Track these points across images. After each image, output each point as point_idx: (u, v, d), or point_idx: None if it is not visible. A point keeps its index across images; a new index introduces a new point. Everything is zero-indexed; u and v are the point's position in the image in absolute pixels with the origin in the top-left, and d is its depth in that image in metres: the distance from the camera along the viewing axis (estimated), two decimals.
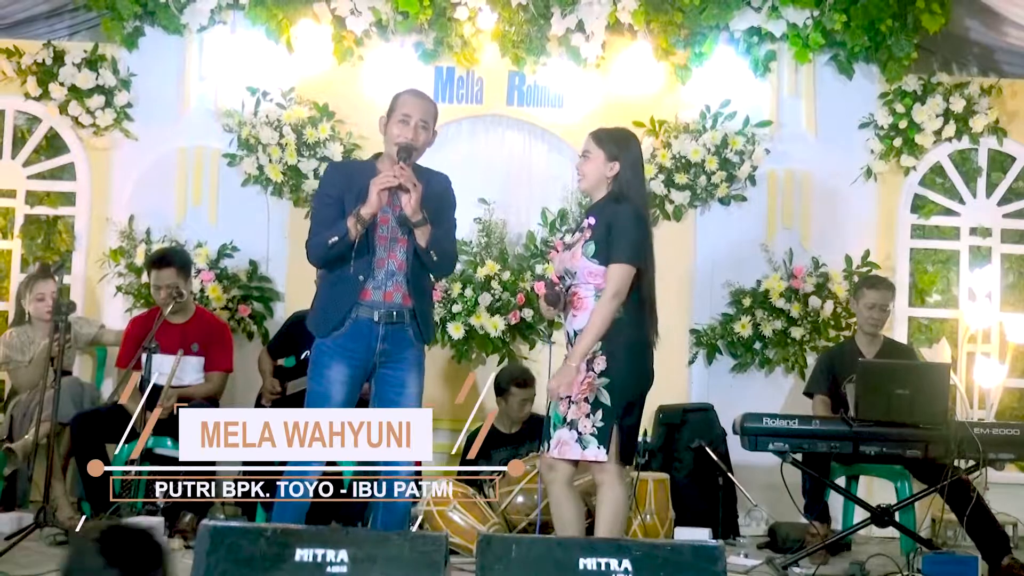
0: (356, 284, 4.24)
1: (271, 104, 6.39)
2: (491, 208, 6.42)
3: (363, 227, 4.17)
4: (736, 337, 6.45)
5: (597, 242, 4.20)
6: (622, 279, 4.16)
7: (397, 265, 4.28)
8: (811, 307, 6.43)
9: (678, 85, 6.54)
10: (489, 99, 6.57)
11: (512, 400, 5.79)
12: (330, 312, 4.29)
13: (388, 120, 4.33)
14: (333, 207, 4.26)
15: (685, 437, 6.04)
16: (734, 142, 6.45)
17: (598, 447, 4.15)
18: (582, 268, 4.23)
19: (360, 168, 4.41)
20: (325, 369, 4.27)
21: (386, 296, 4.27)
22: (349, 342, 4.26)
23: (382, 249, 4.26)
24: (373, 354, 4.28)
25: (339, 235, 4.16)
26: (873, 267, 6.49)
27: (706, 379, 6.51)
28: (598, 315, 4.15)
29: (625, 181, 4.27)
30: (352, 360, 4.27)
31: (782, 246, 6.55)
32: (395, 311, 4.26)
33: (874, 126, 6.59)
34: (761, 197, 6.60)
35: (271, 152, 6.33)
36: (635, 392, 4.22)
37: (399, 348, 4.28)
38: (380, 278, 4.26)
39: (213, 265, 6.37)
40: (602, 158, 4.29)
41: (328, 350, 4.28)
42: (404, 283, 4.29)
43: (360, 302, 4.25)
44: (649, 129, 6.49)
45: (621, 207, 4.22)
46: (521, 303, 6.32)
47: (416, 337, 4.35)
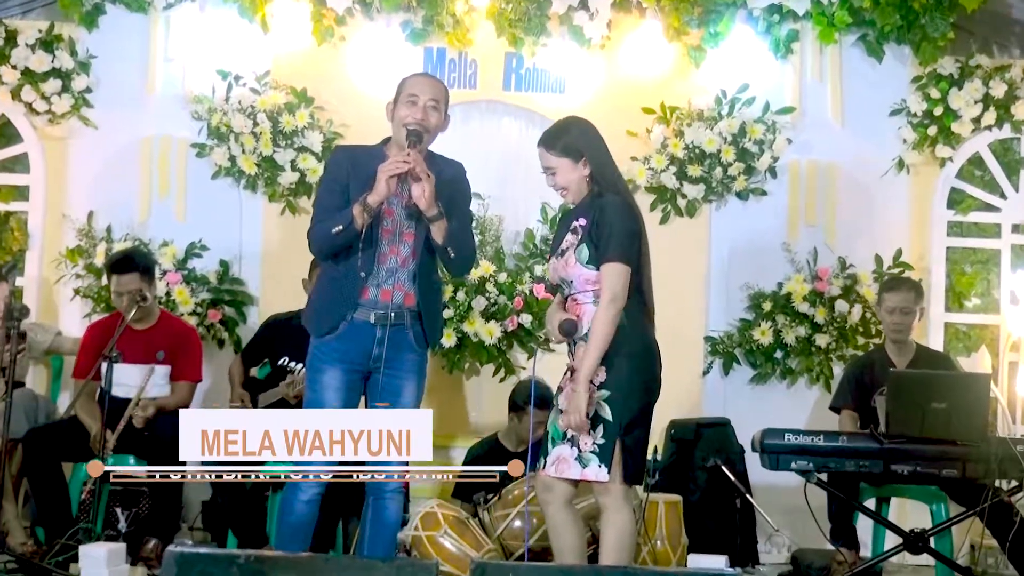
0: (358, 282, 4.25)
1: (244, 89, 6.38)
2: (486, 203, 6.41)
3: (370, 216, 4.17)
4: (755, 345, 6.44)
5: (589, 245, 4.18)
6: (618, 280, 4.14)
7: (400, 261, 4.29)
8: (837, 312, 6.42)
9: (691, 68, 6.53)
10: (484, 83, 6.57)
11: (527, 420, 5.75)
12: (327, 311, 4.30)
13: (395, 103, 4.34)
14: (338, 194, 4.27)
15: (699, 455, 6.04)
16: (753, 131, 6.44)
17: (599, 466, 4.13)
18: (577, 276, 4.22)
19: (368, 153, 4.39)
20: (319, 375, 4.29)
21: (384, 295, 4.27)
22: (344, 345, 4.27)
23: (385, 243, 4.27)
24: (369, 359, 4.28)
25: (344, 224, 4.17)
26: (906, 268, 6.49)
27: (722, 391, 6.50)
28: (598, 326, 4.12)
29: (600, 172, 4.26)
30: (347, 365, 4.28)
31: (806, 245, 6.55)
32: (394, 312, 4.26)
33: (906, 113, 6.58)
34: (782, 191, 6.60)
35: (244, 142, 6.32)
36: (639, 405, 4.19)
37: (397, 352, 4.27)
38: (381, 275, 4.27)
39: (180, 266, 6.36)
40: (568, 164, 4.27)
41: (322, 354, 4.30)
42: (407, 281, 4.29)
43: (359, 302, 4.25)
44: (660, 116, 6.49)
45: (605, 200, 4.21)
46: (519, 308, 6.32)
47: (417, 341, 4.35)
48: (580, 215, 4.27)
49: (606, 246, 4.14)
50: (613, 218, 4.15)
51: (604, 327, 4.11)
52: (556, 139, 4.30)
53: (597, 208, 4.20)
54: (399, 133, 4.30)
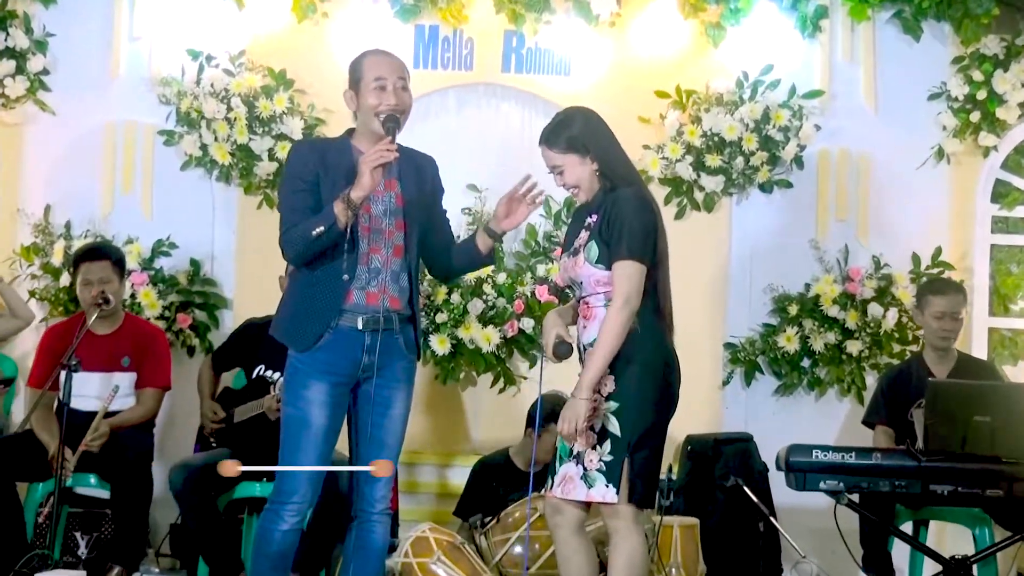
0: (341, 285, 4.25)
1: (217, 70, 6.39)
2: (483, 196, 6.42)
3: (354, 213, 4.18)
4: (780, 353, 6.45)
5: (600, 242, 4.19)
6: (631, 280, 4.13)
7: (382, 261, 4.30)
8: (871, 316, 6.43)
9: (710, 48, 6.54)
10: (481, 65, 6.58)
11: (546, 438, 5.72)
12: (309, 319, 4.28)
13: (357, 91, 4.34)
14: (308, 193, 4.26)
15: (718, 474, 6.04)
16: (777, 117, 6.45)
17: (606, 485, 4.13)
18: (588, 277, 4.22)
19: (334, 147, 4.41)
20: (302, 390, 4.27)
21: (370, 299, 4.28)
22: (330, 356, 4.26)
23: (366, 242, 4.27)
24: (358, 368, 4.28)
25: (326, 224, 4.16)
26: (945, 268, 6.49)
27: (743, 403, 6.51)
28: (607, 329, 4.13)
29: (608, 165, 4.26)
30: (334, 377, 4.27)
31: (836, 242, 6.56)
32: (382, 316, 4.27)
33: (946, 97, 6.60)
34: (810, 183, 6.60)
35: (217, 128, 6.33)
36: (651, 418, 4.19)
37: (386, 360, 4.29)
38: (364, 277, 4.27)
39: (146, 265, 6.36)
40: (574, 159, 4.28)
41: (304, 367, 4.28)
42: (391, 283, 4.30)
43: (343, 307, 4.26)
44: (675, 101, 6.49)
45: (617, 194, 4.22)
46: (520, 311, 6.32)
47: (408, 347, 4.38)
48: (593, 211, 4.27)
49: (618, 243, 4.14)
50: (625, 212, 4.15)
51: (613, 331, 4.11)
52: (557, 135, 4.30)
53: (608, 202, 4.20)
54: (369, 122, 4.31)
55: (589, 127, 4.30)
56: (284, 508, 4.24)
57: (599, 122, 4.34)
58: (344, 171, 4.24)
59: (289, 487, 4.25)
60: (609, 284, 4.17)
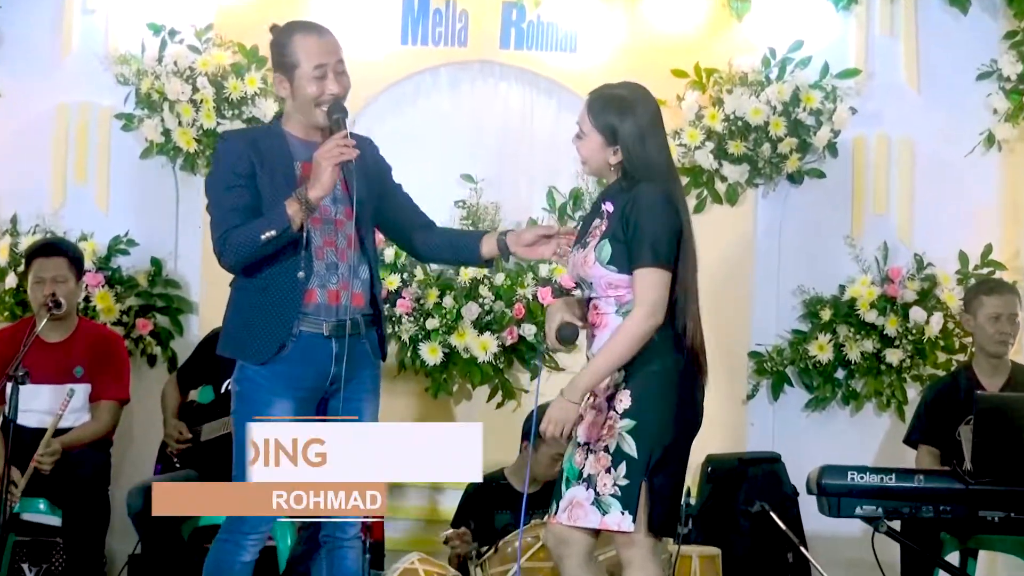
0: (298, 285, 4.24)
1: (181, 47, 6.38)
2: (479, 187, 6.44)
3: (309, 215, 4.17)
4: (812, 362, 6.45)
5: (613, 241, 4.18)
6: (656, 289, 4.11)
7: (338, 254, 4.30)
8: (913, 322, 6.43)
9: (733, 22, 6.55)
10: (477, 40, 6.58)
11: (543, 451, 5.73)
12: (266, 328, 4.26)
13: (291, 79, 4.29)
14: (245, 189, 4.24)
15: (743, 498, 6.04)
16: (808, 98, 6.45)
17: (622, 512, 4.12)
18: (598, 278, 4.21)
19: (266, 135, 4.40)
20: (266, 409, 4.20)
21: (332, 297, 4.28)
22: (295, 369, 4.25)
23: (318, 235, 4.27)
24: (325, 380, 4.28)
25: (278, 228, 4.14)
26: (996, 268, 6.50)
27: (770, 419, 6.51)
28: (623, 338, 4.10)
29: (636, 159, 4.24)
30: (301, 393, 4.25)
31: (873, 239, 6.57)
32: (348, 320, 4.26)
33: (997, 77, 6.60)
34: (845, 173, 6.61)
35: (181, 112, 6.33)
36: (671, 438, 4.17)
37: (353, 369, 4.26)
38: (322, 274, 4.27)
39: (103, 264, 6.36)
40: (598, 142, 4.26)
41: (266, 382, 4.25)
42: (351, 277, 4.29)
43: (304, 311, 4.25)
44: (694, 80, 6.50)
45: (637, 190, 4.20)
46: (520, 316, 6.32)
47: (373, 351, 4.40)
48: (608, 199, 4.26)
49: (640, 248, 4.12)
50: (645, 212, 4.14)
51: (629, 341, 4.10)
52: (601, 104, 4.27)
53: (628, 200, 4.19)
54: (308, 112, 4.29)
55: (631, 113, 4.26)
56: (247, 539, 4.23)
57: (646, 109, 4.30)
58: (281, 162, 4.25)
59: (254, 517, 4.22)
60: (622, 287, 4.16)
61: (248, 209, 4.21)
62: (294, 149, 4.29)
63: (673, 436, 4.17)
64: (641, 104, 4.28)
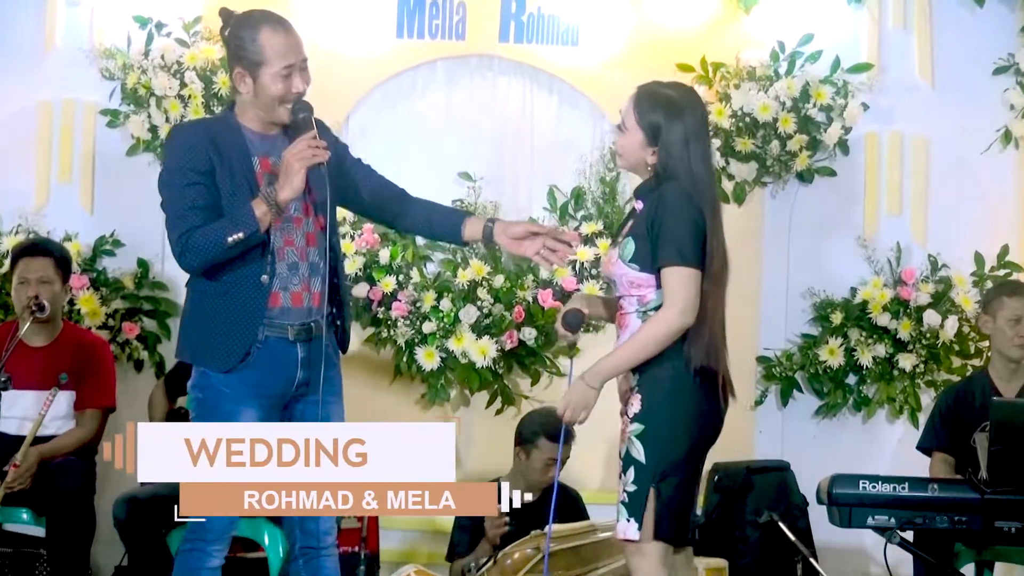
0: (261, 289, 4.24)
1: (168, 40, 6.39)
2: (477, 186, 6.44)
3: (277, 217, 4.18)
4: (822, 368, 6.47)
5: (636, 238, 4.21)
6: (687, 287, 4.14)
7: (298, 253, 4.30)
8: (927, 326, 6.44)
9: (740, 14, 6.56)
10: (475, 34, 6.59)
11: (536, 456, 5.73)
12: (229, 334, 4.25)
13: (255, 76, 4.26)
14: (204, 187, 4.22)
15: (751, 508, 6.05)
16: (819, 94, 6.47)
17: (628, 520, 4.15)
18: (620, 275, 4.24)
19: (221, 127, 4.36)
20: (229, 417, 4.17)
21: (295, 300, 4.29)
22: (259, 376, 4.25)
23: (278, 235, 4.26)
24: (292, 385, 4.30)
25: (246, 231, 4.13)
26: (1014, 269, 6.52)
27: (779, 426, 6.52)
28: (650, 333, 4.14)
29: (676, 164, 4.26)
30: (266, 400, 4.26)
31: (886, 240, 6.58)
32: (312, 322, 4.29)
33: (1015, 71, 6.61)
34: (856, 171, 6.63)
35: (169, 107, 6.33)
36: (681, 445, 4.19)
37: (319, 372, 4.27)
38: (284, 275, 4.27)
39: (88, 266, 6.37)
40: (640, 138, 4.29)
41: (231, 390, 4.24)
42: (311, 277, 4.30)
43: (268, 315, 4.25)
44: (700, 75, 6.50)
45: (666, 188, 4.23)
46: (520, 319, 6.33)
47: (335, 352, 4.42)
48: (640, 197, 4.32)
49: (665, 246, 4.14)
50: (673, 211, 4.16)
51: (656, 337, 4.13)
52: (650, 103, 4.30)
53: (655, 198, 4.22)
54: (270, 109, 4.28)
55: (678, 117, 4.27)
56: (211, 546, 4.24)
57: (694, 115, 4.31)
58: (239, 158, 4.24)
59: (218, 523, 4.22)
60: (644, 287, 4.20)
61: (208, 208, 4.20)
62: (251, 144, 4.28)
63: (684, 443, 4.19)
64: (689, 109, 4.31)
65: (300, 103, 4.27)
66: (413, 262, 6.31)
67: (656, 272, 4.17)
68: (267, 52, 4.24)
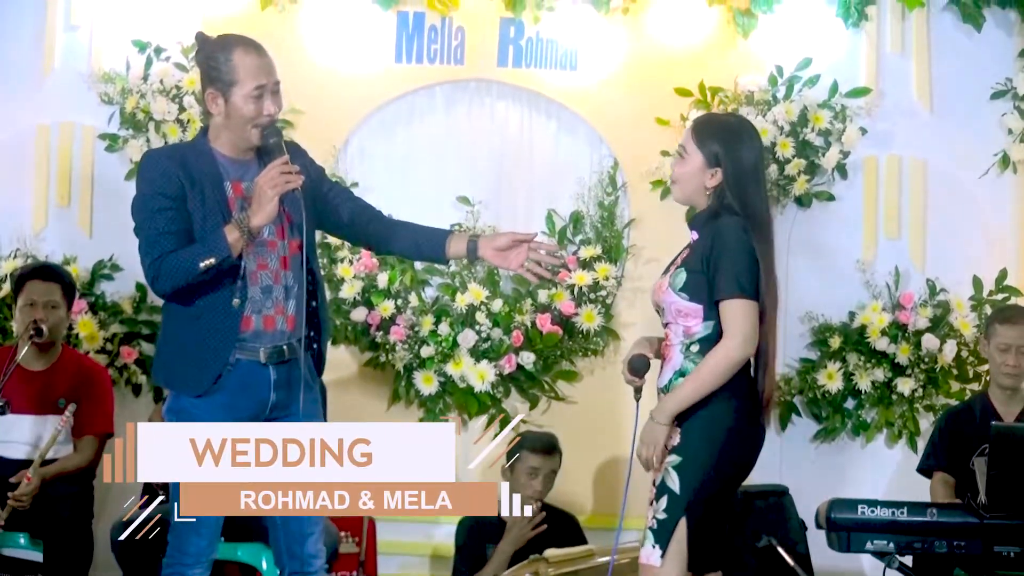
0: (233, 313, 4.25)
1: (167, 64, 6.41)
2: (476, 210, 6.45)
3: (250, 242, 4.20)
4: (820, 392, 6.48)
5: (688, 270, 4.25)
6: (747, 319, 4.18)
7: (272, 277, 4.31)
8: (925, 350, 6.45)
9: (738, 38, 6.58)
10: (473, 58, 6.60)
11: (519, 468, 5.72)
12: (202, 358, 4.26)
13: (227, 97, 4.29)
14: (177, 212, 4.23)
15: (748, 532, 6.05)
16: (817, 118, 6.49)
17: (653, 546, 4.19)
18: (669, 304, 4.29)
19: (192, 153, 4.37)
20: None
21: (267, 323, 4.30)
22: (231, 399, 4.26)
23: (251, 259, 4.27)
24: (264, 408, 4.30)
25: (217, 257, 4.14)
26: (1012, 294, 6.53)
27: (778, 450, 6.50)
28: (714, 364, 4.18)
29: (731, 191, 4.29)
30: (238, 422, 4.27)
31: (885, 264, 6.59)
32: (284, 345, 4.31)
33: (1012, 96, 6.63)
34: (855, 195, 6.64)
35: (167, 131, 6.34)
36: (718, 479, 4.26)
37: (293, 395, 4.29)
38: (257, 299, 4.28)
39: (86, 290, 6.36)
40: (700, 162, 4.32)
41: (201, 412, 4.22)
42: (284, 300, 4.31)
43: (240, 338, 4.26)
44: (698, 99, 6.51)
45: (721, 222, 4.26)
46: (518, 344, 6.34)
47: (311, 375, 4.42)
48: (695, 227, 4.36)
49: (724, 279, 4.19)
50: (731, 245, 4.20)
51: (719, 369, 4.17)
52: (709, 130, 4.36)
53: (711, 231, 4.25)
54: (241, 132, 4.30)
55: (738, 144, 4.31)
56: (191, 569, 4.27)
57: (752, 145, 4.36)
58: (211, 183, 4.25)
59: (195, 546, 4.26)
60: (691, 317, 4.24)
61: (180, 233, 4.21)
62: (224, 169, 4.30)
63: (718, 478, 4.27)
64: (748, 137, 4.39)
65: (270, 128, 4.29)
66: (411, 286, 6.32)
67: (704, 303, 4.22)
68: (239, 72, 4.28)
